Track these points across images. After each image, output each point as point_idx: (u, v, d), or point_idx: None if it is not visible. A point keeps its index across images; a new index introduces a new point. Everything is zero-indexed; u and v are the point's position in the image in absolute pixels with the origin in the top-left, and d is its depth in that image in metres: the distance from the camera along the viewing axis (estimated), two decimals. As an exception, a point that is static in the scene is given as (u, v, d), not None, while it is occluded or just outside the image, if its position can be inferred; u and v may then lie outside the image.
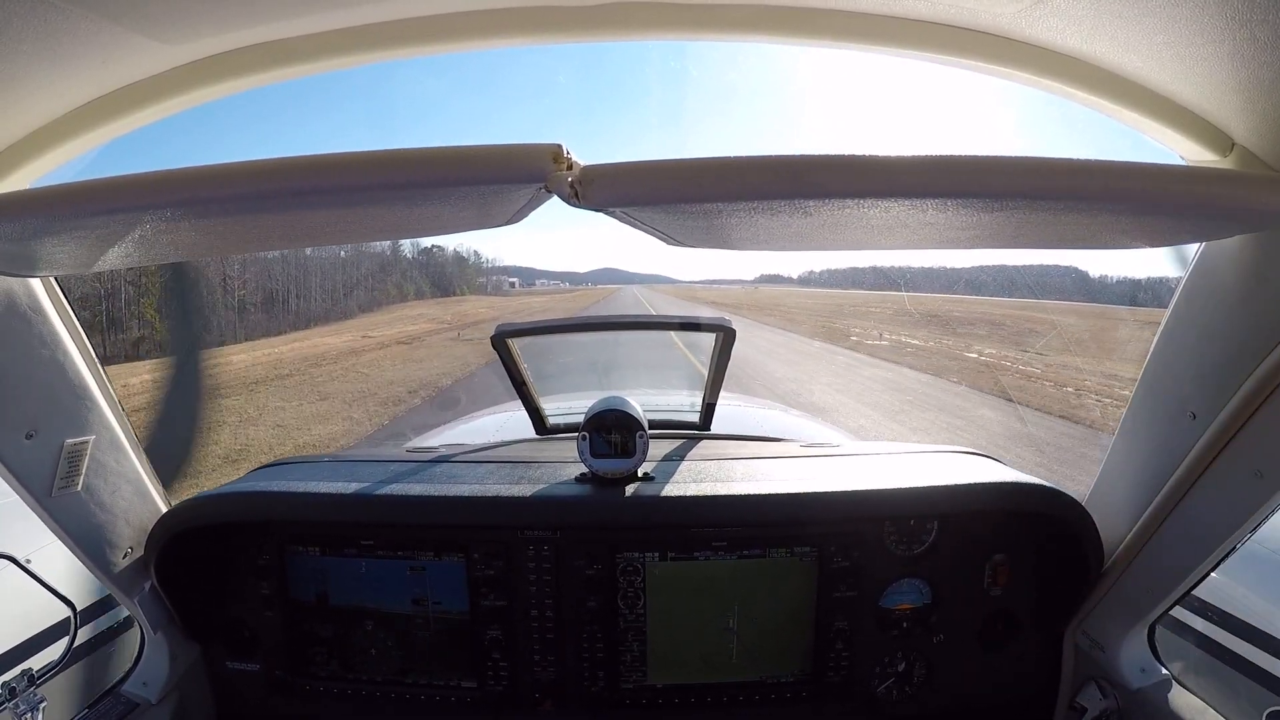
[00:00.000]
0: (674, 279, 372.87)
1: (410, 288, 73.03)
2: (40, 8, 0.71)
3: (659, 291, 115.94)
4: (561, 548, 1.46)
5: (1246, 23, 0.71)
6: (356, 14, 0.87)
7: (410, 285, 73.88)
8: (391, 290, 67.98)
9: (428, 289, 76.90)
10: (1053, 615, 1.50)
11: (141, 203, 0.67)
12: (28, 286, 1.09)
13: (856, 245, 0.99)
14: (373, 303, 60.09)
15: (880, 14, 0.88)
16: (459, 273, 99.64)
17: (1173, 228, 0.85)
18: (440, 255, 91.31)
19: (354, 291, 60.48)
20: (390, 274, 72.19)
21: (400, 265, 77.69)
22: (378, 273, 69.27)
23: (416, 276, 79.34)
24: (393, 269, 73.62)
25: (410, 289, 72.40)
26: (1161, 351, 1.20)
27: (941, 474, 1.47)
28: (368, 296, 62.33)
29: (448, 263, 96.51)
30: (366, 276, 66.53)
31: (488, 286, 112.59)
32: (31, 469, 1.14)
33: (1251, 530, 1.08)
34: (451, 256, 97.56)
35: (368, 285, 65.68)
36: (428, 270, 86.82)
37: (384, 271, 70.92)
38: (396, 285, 70.26)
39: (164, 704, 1.45)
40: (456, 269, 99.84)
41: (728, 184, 0.63)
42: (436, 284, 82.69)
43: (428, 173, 0.64)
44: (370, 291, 64.80)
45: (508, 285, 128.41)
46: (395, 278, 72.31)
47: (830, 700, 1.51)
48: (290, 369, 18.50)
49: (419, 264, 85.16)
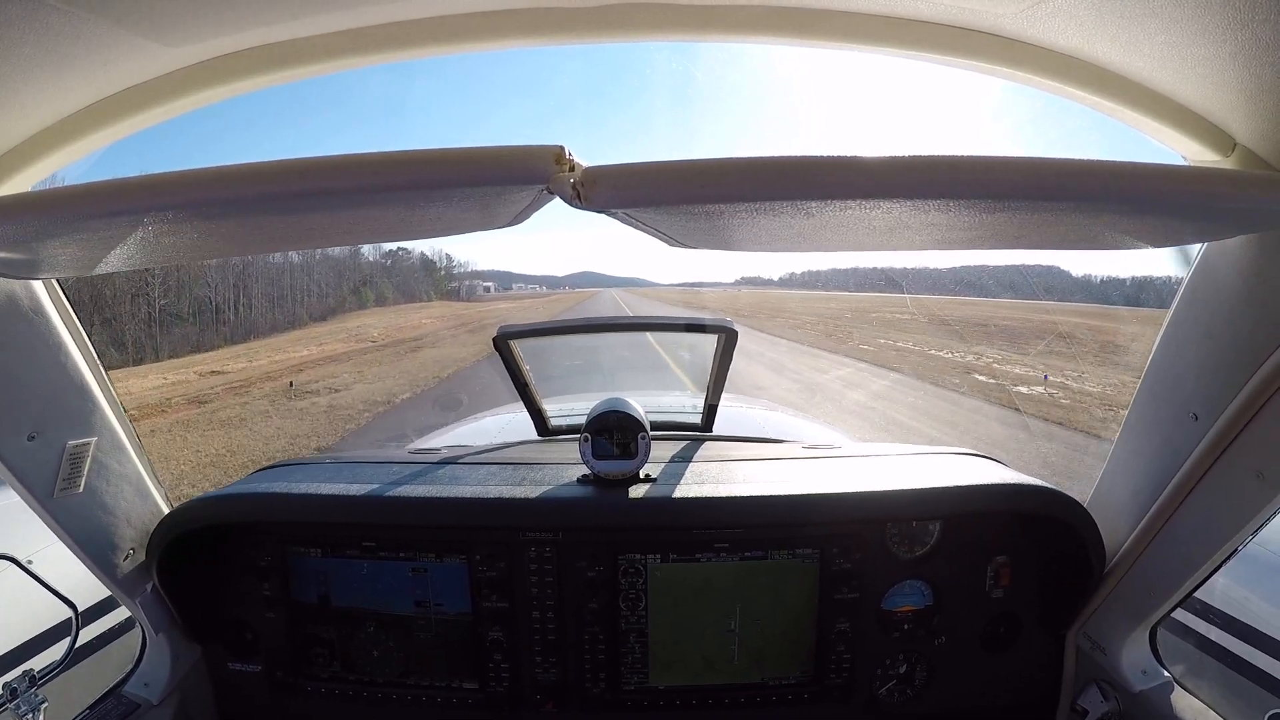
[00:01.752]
0: (654, 282, 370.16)
1: (370, 294, 68.54)
2: (42, 10, 0.71)
3: (639, 295, 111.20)
4: (563, 549, 1.46)
5: (1248, 23, 0.71)
6: (359, 16, 0.87)
7: (370, 291, 69.35)
8: (347, 297, 64.16)
9: (390, 294, 72.53)
10: (1055, 617, 1.50)
11: (143, 205, 0.67)
12: (30, 288, 1.10)
13: (859, 246, 0.99)
14: (327, 311, 55.33)
15: (881, 15, 0.88)
16: (427, 277, 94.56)
17: (1174, 228, 0.85)
18: (406, 259, 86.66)
19: (305, 299, 55.58)
20: (347, 279, 68.31)
21: (361, 270, 73.24)
22: (333, 278, 64.98)
23: (378, 282, 74.99)
24: (350, 274, 68.71)
25: (370, 295, 67.89)
26: (1163, 352, 1.20)
27: (943, 476, 1.47)
28: (320, 305, 57.39)
29: (415, 267, 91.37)
30: (319, 283, 61.60)
31: (461, 291, 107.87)
32: (34, 470, 1.14)
33: (1253, 532, 1.08)
34: (418, 261, 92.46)
35: (319, 292, 60.74)
36: (392, 275, 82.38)
37: (339, 277, 66.56)
38: (354, 291, 66.85)
39: (165, 705, 1.45)
40: (424, 273, 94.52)
41: (729, 185, 0.63)
42: (401, 289, 78.48)
43: (430, 174, 0.64)
44: (323, 299, 59.91)
45: (482, 290, 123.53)
46: (352, 283, 68.69)
47: (832, 702, 1.51)
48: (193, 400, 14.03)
49: (382, 268, 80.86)
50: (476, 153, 0.64)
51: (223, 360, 24.73)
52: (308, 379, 17.51)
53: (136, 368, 25.98)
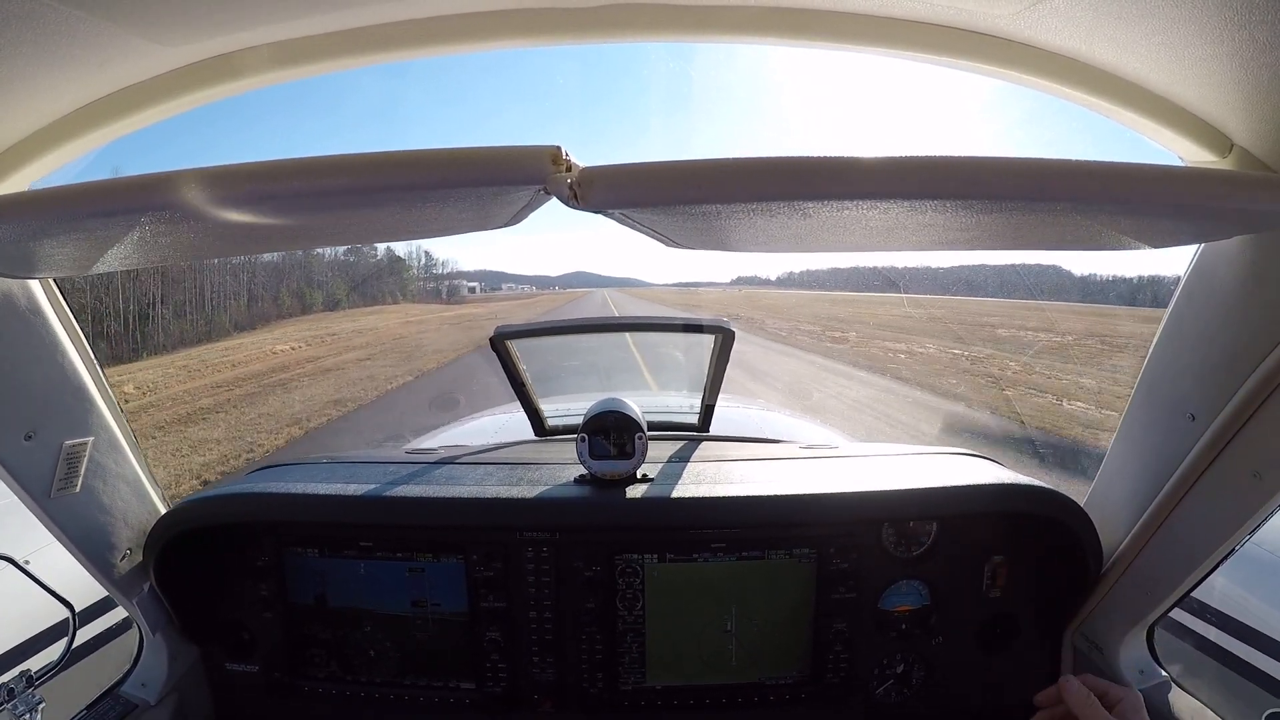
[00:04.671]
0: (649, 282, 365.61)
1: (318, 295, 58.43)
2: (39, 9, 0.71)
3: (631, 295, 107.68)
4: (560, 549, 1.46)
5: (1246, 23, 0.71)
6: (356, 16, 0.87)
7: (319, 293, 59.22)
8: (286, 300, 52.48)
9: (344, 298, 62.23)
10: (1052, 617, 1.50)
11: (140, 205, 0.67)
12: (26, 288, 1.09)
13: (856, 247, 0.99)
14: (257, 318, 44.73)
15: (877, 15, 0.88)
16: (394, 277, 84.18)
17: (1171, 229, 0.85)
18: (372, 257, 77.01)
19: (228, 303, 45.40)
20: (287, 280, 56.78)
21: (310, 269, 62.92)
22: (272, 279, 54.42)
23: (328, 282, 64.81)
24: (289, 276, 57.50)
25: (318, 297, 57.82)
26: (1160, 352, 1.20)
27: (941, 475, 1.47)
28: (243, 313, 45.89)
29: (380, 266, 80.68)
30: (261, 284, 51.76)
31: (442, 293, 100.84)
32: (30, 470, 1.13)
33: (1250, 532, 1.08)
34: (384, 259, 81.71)
35: (255, 295, 50.64)
36: (351, 274, 71.83)
37: (278, 278, 55.07)
38: (295, 294, 55.12)
39: (163, 705, 1.45)
40: (391, 273, 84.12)
41: (727, 186, 0.63)
42: (360, 290, 68.28)
43: (426, 175, 0.64)
44: (258, 302, 50.11)
45: (466, 290, 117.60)
46: (293, 284, 57.03)
47: (829, 702, 1.51)
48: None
49: (343, 266, 71.20)
50: (473, 153, 0.63)
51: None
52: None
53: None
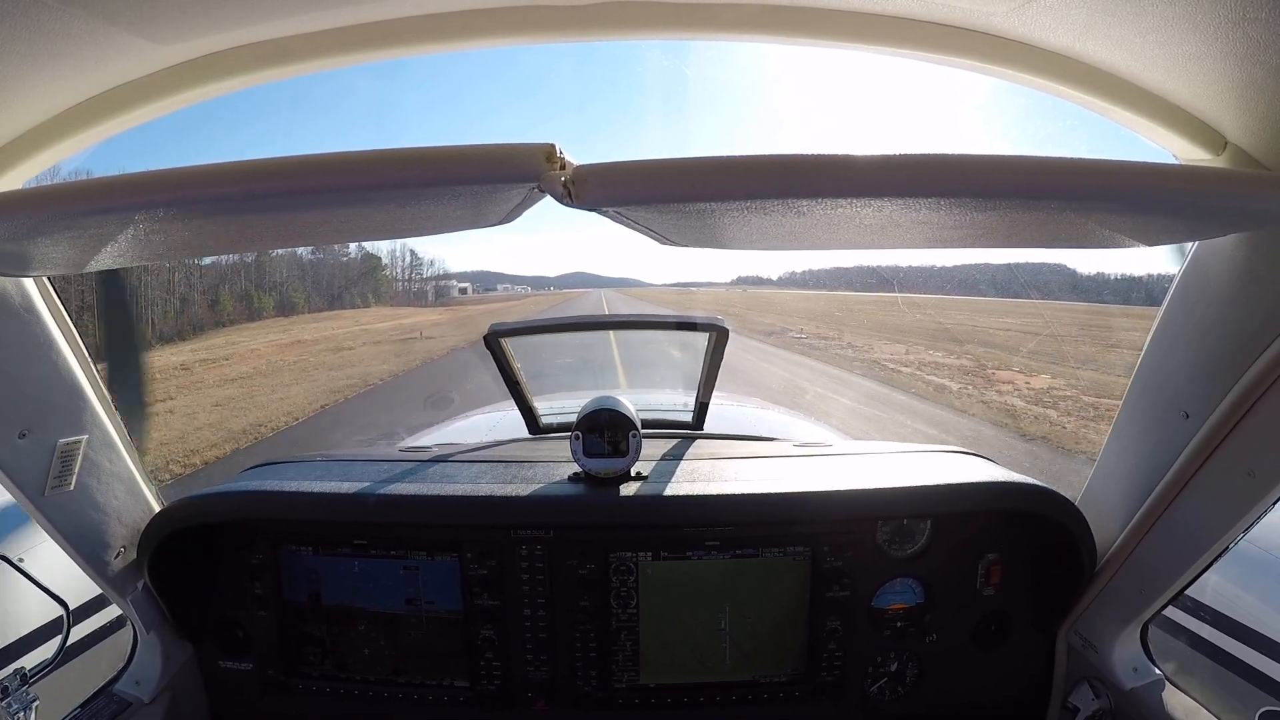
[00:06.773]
0: (647, 282, 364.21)
1: (269, 299, 51.32)
2: (33, 8, 0.71)
3: (627, 295, 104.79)
4: (554, 547, 1.46)
5: (1239, 21, 0.71)
6: (349, 14, 0.87)
7: (270, 296, 51.94)
8: (228, 306, 45.07)
9: (302, 301, 55.31)
10: (1046, 615, 1.51)
11: (134, 202, 0.66)
12: (21, 286, 1.09)
13: (850, 244, 0.99)
14: (186, 326, 36.39)
15: (872, 13, 0.88)
16: (365, 278, 75.30)
17: (1166, 226, 0.85)
18: (342, 255, 69.82)
19: (156, 306, 36.26)
20: (232, 282, 49.14)
21: (265, 269, 54.77)
22: (213, 281, 45.56)
23: (285, 284, 57.01)
24: (234, 279, 49.60)
25: (269, 302, 50.82)
26: (1154, 350, 1.20)
27: (935, 474, 1.47)
28: (171, 321, 37.03)
29: (352, 265, 73.20)
30: (194, 289, 42.30)
31: (429, 295, 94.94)
32: (25, 468, 1.13)
33: (1244, 530, 1.08)
34: (357, 258, 73.94)
35: (189, 300, 40.77)
36: (316, 274, 64.45)
37: (224, 281, 47.72)
38: (240, 297, 48.07)
39: (157, 703, 1.45)
40: (363, 273, 75.63)
41: (721, 183, 0.63)
42: (322, 292, 61.65)
43: (421, 173, 0.64)
44: (194, 307, 40.76)
45: (457, 291, 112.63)
46: (240, 286, 49.75)
47: (823, 700, 1.51)
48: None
49: (310, 265, 63.17)
50: (467, 151, 0.63)
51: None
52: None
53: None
